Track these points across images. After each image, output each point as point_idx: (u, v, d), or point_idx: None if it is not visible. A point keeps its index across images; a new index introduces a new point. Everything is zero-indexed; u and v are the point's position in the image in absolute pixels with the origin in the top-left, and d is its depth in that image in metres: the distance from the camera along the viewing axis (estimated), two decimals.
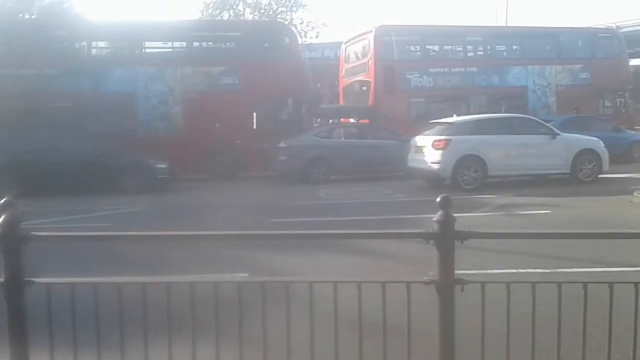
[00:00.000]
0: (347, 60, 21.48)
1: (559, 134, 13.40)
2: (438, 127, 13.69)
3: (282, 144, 15.62)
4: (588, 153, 13.46)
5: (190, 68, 17.29)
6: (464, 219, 7.76)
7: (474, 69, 19.75)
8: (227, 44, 19.37)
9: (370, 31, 19.44)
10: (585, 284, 2.41)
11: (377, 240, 5.60)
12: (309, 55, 26.00)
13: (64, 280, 2.51)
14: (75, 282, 2.47)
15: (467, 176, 12.75)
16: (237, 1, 41.13)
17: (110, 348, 2.50)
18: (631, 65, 23.07)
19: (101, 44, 18.41)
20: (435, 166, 12.82)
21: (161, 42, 18.35)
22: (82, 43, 17.68)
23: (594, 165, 13.37)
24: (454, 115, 14.67)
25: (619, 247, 5.63)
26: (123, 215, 10.35)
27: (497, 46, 20.73)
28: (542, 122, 14.19)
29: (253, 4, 41.84)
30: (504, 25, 33.31)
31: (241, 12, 42.21)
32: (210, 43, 19.41)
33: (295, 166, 15.39)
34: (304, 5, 42.90)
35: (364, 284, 2.48)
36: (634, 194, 10.37)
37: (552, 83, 20.20)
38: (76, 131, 14.55)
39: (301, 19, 39.56)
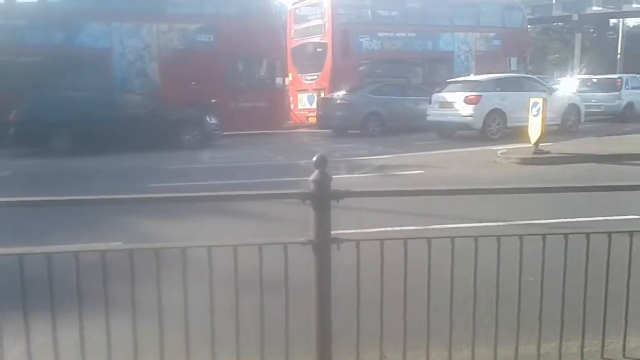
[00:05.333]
0: (296, 21, 21.62)
1: (554, 91, 15.56)
2: (461, 84, 15.33)
3: (339, 101, 16.95)
4: (573, 107, 15.75)
5: (166, 25, 16.95)
6: (342, 180, 7.93)
7: (413, 34, 21.23)
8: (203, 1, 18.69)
9: None
10: (452, 239, 2.55)
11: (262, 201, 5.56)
12: None
13: None
14: None
15: (492, 127, 14.43)
16: None
17: None
18: None
19: None
20: (468, 119, 14.41)
21: None
22: None
23: (576, 118, 15.75)
24: (471, 75, 16.36)
25: (481, 204, 6.08)
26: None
27: (432, 13, 21.96)
28: (541, 81, 16.44)
29: None
30: None
31: None
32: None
33: (354, 121, 16.81)
34: None
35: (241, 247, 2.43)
36: (498, 154, 11.25)
37: (472, 49, 22.35)
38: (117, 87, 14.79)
39: None
